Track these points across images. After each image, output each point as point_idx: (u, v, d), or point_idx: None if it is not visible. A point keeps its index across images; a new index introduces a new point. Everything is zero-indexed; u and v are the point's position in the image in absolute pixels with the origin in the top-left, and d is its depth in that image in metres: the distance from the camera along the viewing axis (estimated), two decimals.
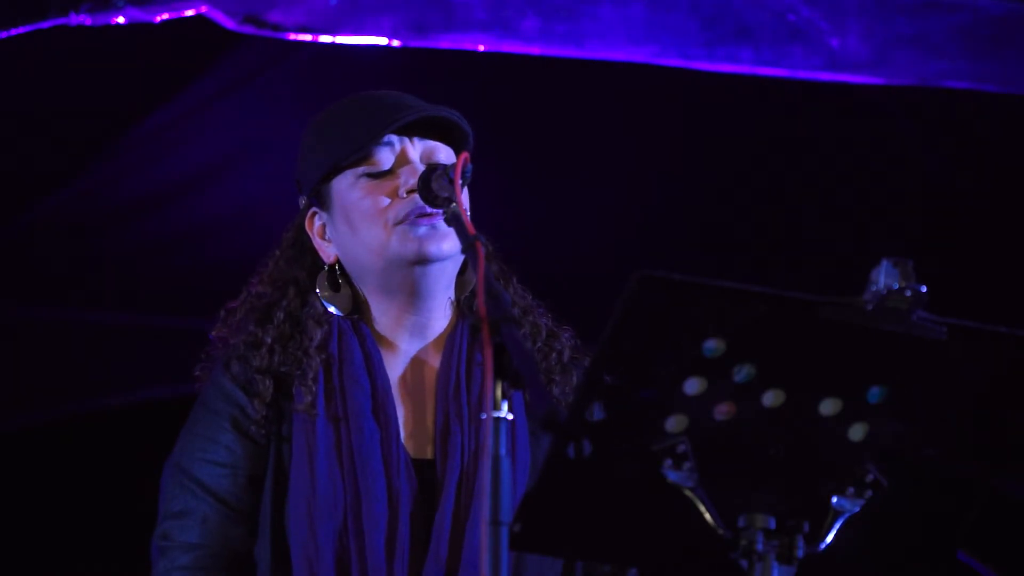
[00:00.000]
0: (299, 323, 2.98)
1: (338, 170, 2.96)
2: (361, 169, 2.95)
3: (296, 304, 3.00)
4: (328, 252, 3.01)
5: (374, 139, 2.93)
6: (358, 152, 2.93)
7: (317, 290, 3.00)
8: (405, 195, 2.90)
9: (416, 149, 2.95)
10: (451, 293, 3.01)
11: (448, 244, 2.90)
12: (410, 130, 2.95)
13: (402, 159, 2.94)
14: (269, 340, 2.96)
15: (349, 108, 2.99)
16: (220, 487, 2.92)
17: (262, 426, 2.93)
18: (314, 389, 2.92)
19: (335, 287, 3.01)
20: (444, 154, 2.97)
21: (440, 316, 3.01)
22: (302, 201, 3.04)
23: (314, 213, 3.02)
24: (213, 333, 3.04)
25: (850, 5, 4.77)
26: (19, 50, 4.51)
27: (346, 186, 2.96)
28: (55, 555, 5.65)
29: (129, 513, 4.32)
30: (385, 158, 2.95)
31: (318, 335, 2.97)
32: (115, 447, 5.56)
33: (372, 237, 2.93)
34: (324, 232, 3.01)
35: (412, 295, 2.97)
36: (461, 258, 2.96)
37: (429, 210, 2.88)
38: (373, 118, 2.93)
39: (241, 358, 2.96)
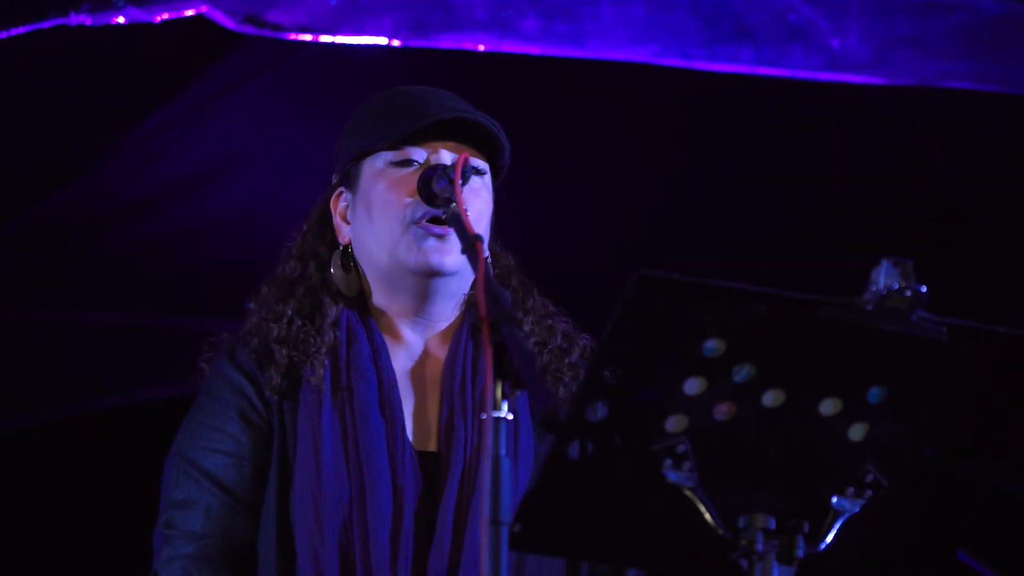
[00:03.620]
0: (318, 300, 2.98)
1: (370, 153, 2.96)
2: (391, 155, 2.95)
3: (317, 279, 3.01)
4: (344, 233, 3.02)
5: (409, 132, 2.92)
6: (392, 139, 2.93)
7: (332, 269, 3.01)
8: None
9: (451, 153, 2.94)
10: (462, 292, 3.01)
11: (453, 258, 2.90)
12: (449, 133, 2.94)
13: (434, 158, 2.94)
14: (290, 312, 2.97)
15: (397, 97, 2.99)
16: (226, 477, 2.91)
17: (269, 404, 2.92)
18: (321, 373, 2.92)
19: (347, 268, 3.01)
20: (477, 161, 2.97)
21: (447, 314, 3.01)
22: (335, 177, 3.04)
23: (340, 192, 3.03)
24: (251, 303, 3.04)
25: (850, 5, 4.76)
26: (19, 50, 4.51)
27: (373, 172, 2.96)
28: (55, 555, 5.65)
29: (129, 513, 4.32)
30: (418, 153, 2.94)
31: (333, 312, 2.97)
32: (115, 447, 5.55)
33: (385, 232, 2.93)
34: (346, 214, 3.02)
35: (416, 298, 2.97)
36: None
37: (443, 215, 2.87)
38: (415, 111, 2.93)
39: (247, 345, 2.95)
